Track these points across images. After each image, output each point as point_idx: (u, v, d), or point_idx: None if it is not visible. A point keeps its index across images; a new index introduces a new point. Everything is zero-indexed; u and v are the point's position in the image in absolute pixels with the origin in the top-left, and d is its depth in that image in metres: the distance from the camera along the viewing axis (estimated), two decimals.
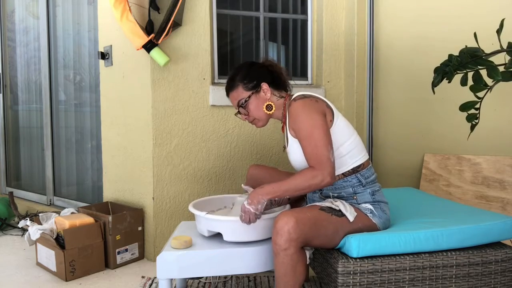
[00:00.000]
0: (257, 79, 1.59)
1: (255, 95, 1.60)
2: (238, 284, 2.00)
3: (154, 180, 2.28)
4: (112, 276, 2.15)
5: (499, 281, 1.45)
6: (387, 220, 1.53)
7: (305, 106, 1.46)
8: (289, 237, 1.31)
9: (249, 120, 1.66)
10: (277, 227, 1.33)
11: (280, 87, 1.64)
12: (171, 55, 2.23)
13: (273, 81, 1.62)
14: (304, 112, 1.45)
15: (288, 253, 1.33)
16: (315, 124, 1.43)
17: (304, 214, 1.38)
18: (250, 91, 1.60)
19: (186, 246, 1.55)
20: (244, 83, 1.60)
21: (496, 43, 1.63)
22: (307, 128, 1.43)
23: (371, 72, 2.63)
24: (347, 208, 1.45)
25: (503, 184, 2.19)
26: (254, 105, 1.61)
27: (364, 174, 1.53)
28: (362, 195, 1.52)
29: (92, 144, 2.92)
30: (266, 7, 2.62)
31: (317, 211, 1.42)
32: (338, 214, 1.43)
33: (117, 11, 2.11)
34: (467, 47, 1.69)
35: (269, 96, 1.60)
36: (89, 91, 2.92)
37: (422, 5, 2.48)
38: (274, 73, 1.63)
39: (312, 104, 1.47)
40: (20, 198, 3.38)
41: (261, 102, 1.60)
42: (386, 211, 1.53)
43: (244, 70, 1.62)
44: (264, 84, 1.59)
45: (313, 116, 1.44)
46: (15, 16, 3.53)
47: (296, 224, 1.32)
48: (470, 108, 1.73)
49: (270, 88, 1.60)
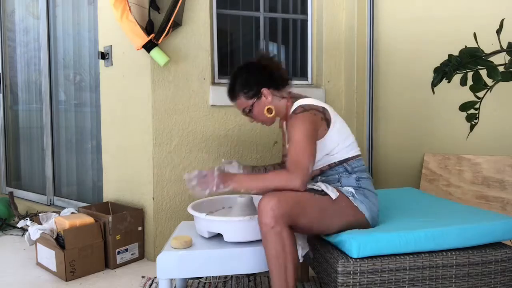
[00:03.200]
0: (257, 86, 1.60)
1: (257, 102, 1.62)
2: (238, 284, 2.00)
3: (154, 180, 2.28)
4: (112, 276, 2.15)
5: (499, 281, 1.45)
6: (372, 209, 1.54)
7: (303, 120, 1.50)
8: (273, 213, 1.34)
9: (256, 122, 1.71)
10: (260, 207, 1.37)
11: (280, 87, 1.64)
12: (171, 55, 2.23)
13: (272, 83, 1.62)
14: (300, 124, 1.49)
15: (275, 230, 1.35)
16: (305, 135, 1.46)
17: (286, 193, 1.41)
18: (251, 99, 1.62)
19: (186, 246, 1.55)
20: (244, 92, 1.61)
21: (496, 43, 1.63)
22: (297, 136, 1.47)
23: (371, 72, 2.62)
24: (328, 187, 1.49)
25: (503, 184, 2.19)
26: (257, 111, 1.64)
27: (352, 164, 1.57)
28: (347, 179, 1.55)
29: (92, 144, 2.92)
30: (266, 7, 2.62)
31: (299, 192, 1.44)
32: (321, 193, 1.47)
33: (117, 11, 2.11)
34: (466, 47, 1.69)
35: (271, 100, 1.62)
36: (89, 91, 2.92)
37: (422, 5, 2.48)
38: (272, 73, 1.63)
39: (310, 117, 1.50)
40: (20, 198, 3.38)
41: (263, 106, 1.63)
42: (370, 198, 1.54)
43: (242, 78, 1.62)
44: (264, 89, 1.60)
45: (307, 127, 1.48)
46: (15, 16, 3.53)
47: (278, 201, 1.35)
48: (470, 108, 1.73)
49: (270, 91, 1.61)
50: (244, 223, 1.53)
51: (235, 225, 1.53)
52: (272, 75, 1.63)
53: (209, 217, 1.56)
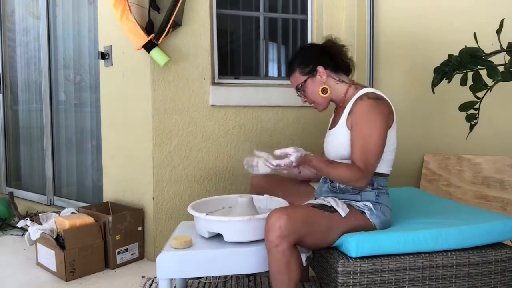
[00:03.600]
0: (313, 63, 1.59)
1: (311, 79, 1.60)
2: (238, 284, 2.00)
3: (154, 180, 2.28)
4: (112, 276, 2.15)
5: (499, 281, 1.45)
6: (386, 222, 1.52)
7: (376, 108, 1.45)
8: (280, 233, 1.31)
9: (308, 102, 1.67)
10: (269, 224, 1.34)
11: (338, 70, 1.62)
12: (171, 55, 2.23)
13: (331, 63, 1.60)
14: (373, 113, 1.45)
15: (280, 249, 1.33)
16: (377, 130, 1.43)
17: (297, 211, 1.39)
18: (306, 75, 1.60)
19: (186, 246, 1.55)
20: (301, 67, 1.60)
21: (496, 43, 1.63)
22: (368, 130, 1.44)
23: (371, 72, 2.62)
24: (339, 203, 1.46)
25: (503, 184, 2.19)
26: (310, 89, 1.61)
27: (380, 181, 1.53)
28: (367, 193, 1.52)
29: (92, 144, 2.92)
30: (266, 7, 2.62)
31: (309, 208, 1.43)
32: (330, 210, 1.44)
33: (117, 11, 2.10)
34: (467, 47, 1.69)
35: (325, 79, 1.59)
36: (89, 91, 2.92)
37: (422, 5, 2.48)
38: (333, 55, 1.61)
39: (383, 108, 1.46)
40: (20, 198, 3.38)
41: (318, 85, 1.60)
42: (386, 214, 1.53)
43: (301, 54, 1.63)
44: (320, 67, 1.58)
45: (379, 121, 1.44)
46: (15, 16, 3.53)
47: (288, 220, 1.32)
48: (470, 108, 1.73)
49: (327, 71, 1.59)
50: (244, 223, 1.52)
51: (235, 225, 1.53)
52: (332, 57, 1.61)
53: (209, 217, 1.56)
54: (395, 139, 1.55)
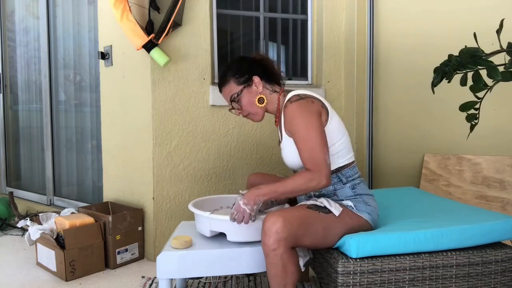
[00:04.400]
0: (248, 73, 1.59)
1: (247, 89, 1.60)
2: (238, 284, 2.00)
3: (154, 180, 2.28)
4: (112, 276, 2.15)
5: (499, 281, 1.45)
6: (373, 212, 1.52)
7: (302, 108, 1.46)
8: (277, 237, 1.31)
9: (243, 115, 1.65)
10: (265, 228, 1.34)
11: (272, 81, 1.63)
12: (171, 55, 2.23)
13: (265, 75, 1.61)
14: (301, 114, 1.45)
15: (277, 253, 1.33)
16: (311, 127, 1.43)
17: (292, 213, 1.39)
18: (241, 85, 1.60)
19: (186, 246, 1.55)
20: (236, 77, 1.60)
21: (496, 43, 1.63)
22: (304, 131, 1.43)
23: (371, 72, 2.63)
24: (331, 203, 1.46)
25: (503, 184, 2.19)
26: (246, 99, 1.60)
27: (346, 173, 1.53)
28: (342, 190, 1.52)
29: (92, 144, 2.92)
30: (266, 7, 2.62)
31: (304, 210, 1.43)
32: (325, 211, 1.44)
33: (117, 11, 2.11)
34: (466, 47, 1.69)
35: (261, 90, 1.60)
36: (89, 91, 2.92)
37: (422, 6, 2.48)
38: (265, 67, 1.63)
39: (308, 105, 1.47)
40: (20, 198, 3.38)
41: (253, 96, 1.60)
42: (370, 203, 1.53)
43: (235, 65, 1.63)
44: (256, 77, 1.59)
45: (310, 118, 1.44)
46: (15, 16, 3.53)
47: (283, 224, 1.32)
48: (470, 108, 1.73)
49: (262, 81, 1.60)
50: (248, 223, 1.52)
51: (239, 225, 1.53)
52: (265, 68, 1.63)
53: (213, 216, 1.56)
54: (339, 130, 1.53)
